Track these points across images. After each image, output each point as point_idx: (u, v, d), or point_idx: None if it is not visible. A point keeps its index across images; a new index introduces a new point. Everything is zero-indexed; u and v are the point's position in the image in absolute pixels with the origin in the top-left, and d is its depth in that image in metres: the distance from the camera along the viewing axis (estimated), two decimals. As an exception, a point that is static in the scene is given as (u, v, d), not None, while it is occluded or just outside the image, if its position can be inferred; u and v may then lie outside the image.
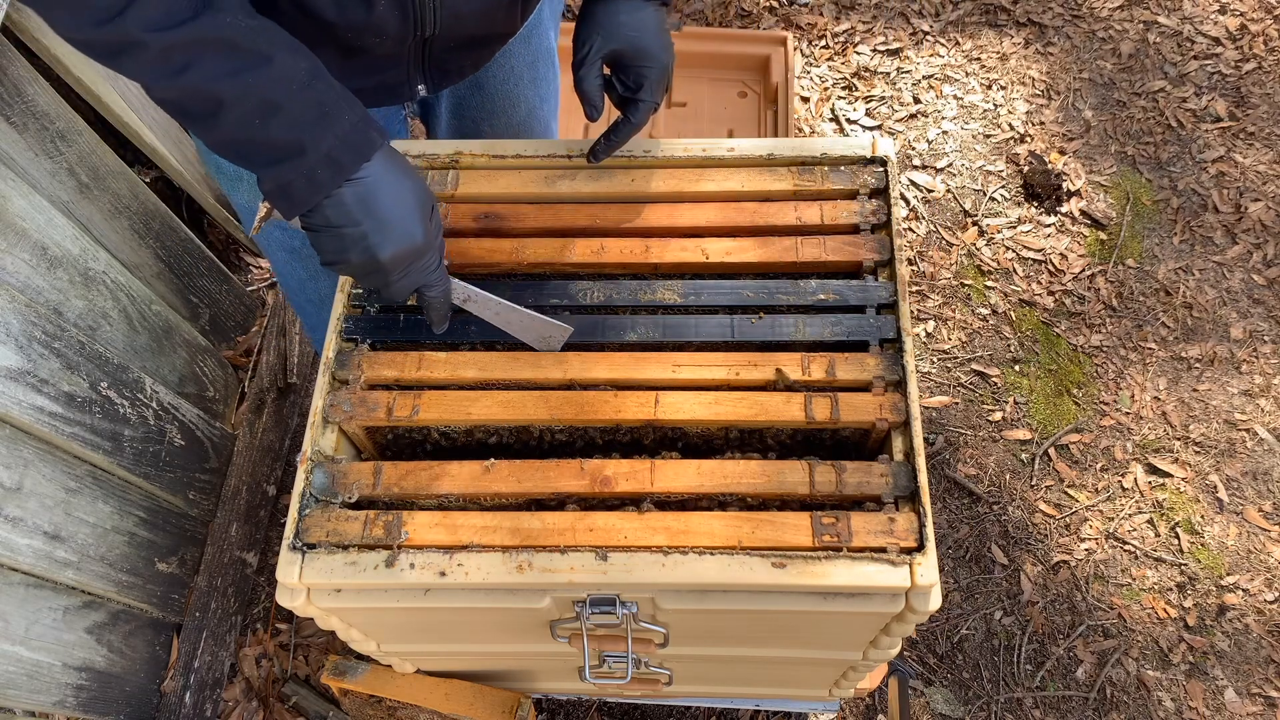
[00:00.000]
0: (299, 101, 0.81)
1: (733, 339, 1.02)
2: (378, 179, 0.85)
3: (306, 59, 0.84)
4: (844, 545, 0.89)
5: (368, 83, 1.10)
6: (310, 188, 0.83)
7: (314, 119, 0.82)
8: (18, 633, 1.39)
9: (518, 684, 1.50)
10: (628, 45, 1.01)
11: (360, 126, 0.84)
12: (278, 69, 0.81)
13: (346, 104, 0.85)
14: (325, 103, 0.83)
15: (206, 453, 1.83)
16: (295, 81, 0.81)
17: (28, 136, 1.40)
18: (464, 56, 1.15)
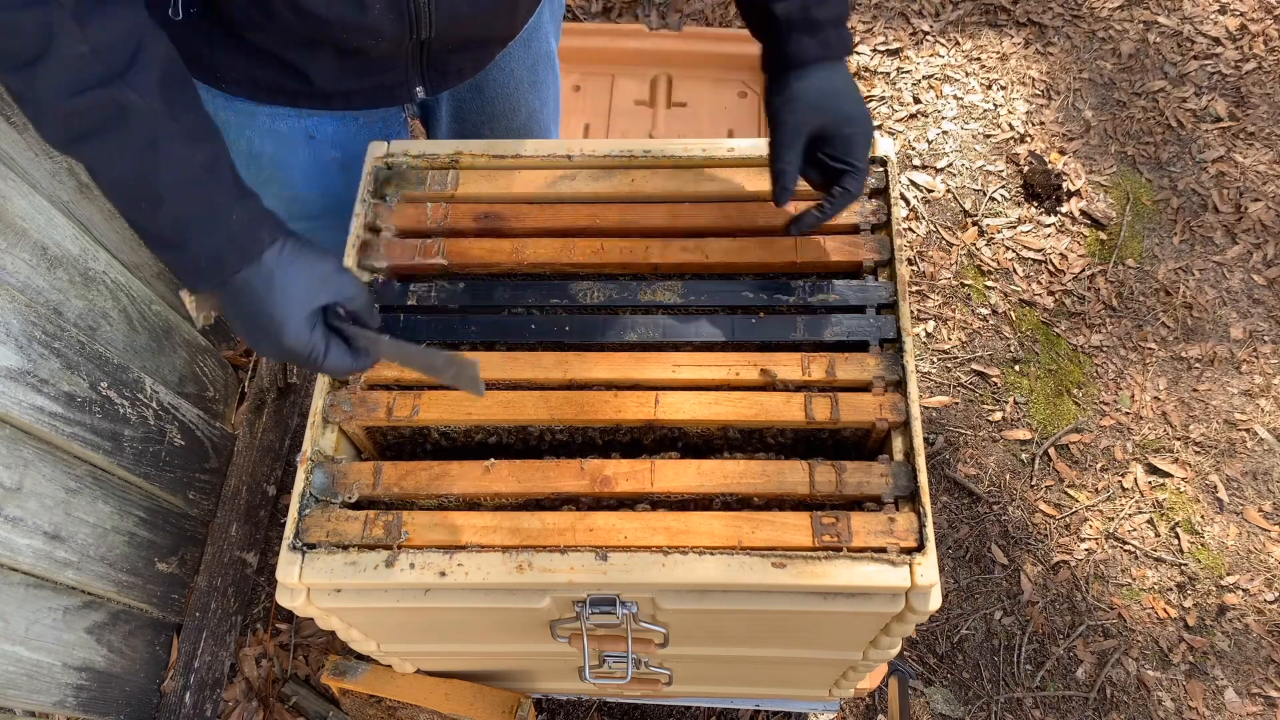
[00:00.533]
0: (186, 197, 0.80)
1: (733, 339, 1.02)
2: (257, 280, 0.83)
3: (207, 149, 0.82)
4: (844, 545, 0.89)
5: (365, 84, 1.10)
6: (194, 278, 0.83)
7: (199, 215, 0.81)
8: (18, 633, 1.39)
9: (518, 684, 1.50)
10: (832, 115, 0.96)
11: (250, 226, 0.83)
12: (169, 160, 0.79)
13: (239, 201, 0.83)
14: (214, 200, 0.81)
15: (206, 453, 1.83)
16: (186, 176, 0.80)
17: (28, 136, 1.40)
18: (463, 59, 1.15)
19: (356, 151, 1.21)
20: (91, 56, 0.75)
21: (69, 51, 0.74)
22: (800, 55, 0.96)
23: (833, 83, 0.96)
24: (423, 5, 0.99)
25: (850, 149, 0.97)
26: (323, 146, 1.18)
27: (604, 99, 2.24)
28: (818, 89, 0.96)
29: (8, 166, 1.36)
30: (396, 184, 1.11)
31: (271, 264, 0.83)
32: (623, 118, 2.22)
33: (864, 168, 0.98)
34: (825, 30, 0.95)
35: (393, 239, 1.08)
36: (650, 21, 2.30)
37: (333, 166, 1.21)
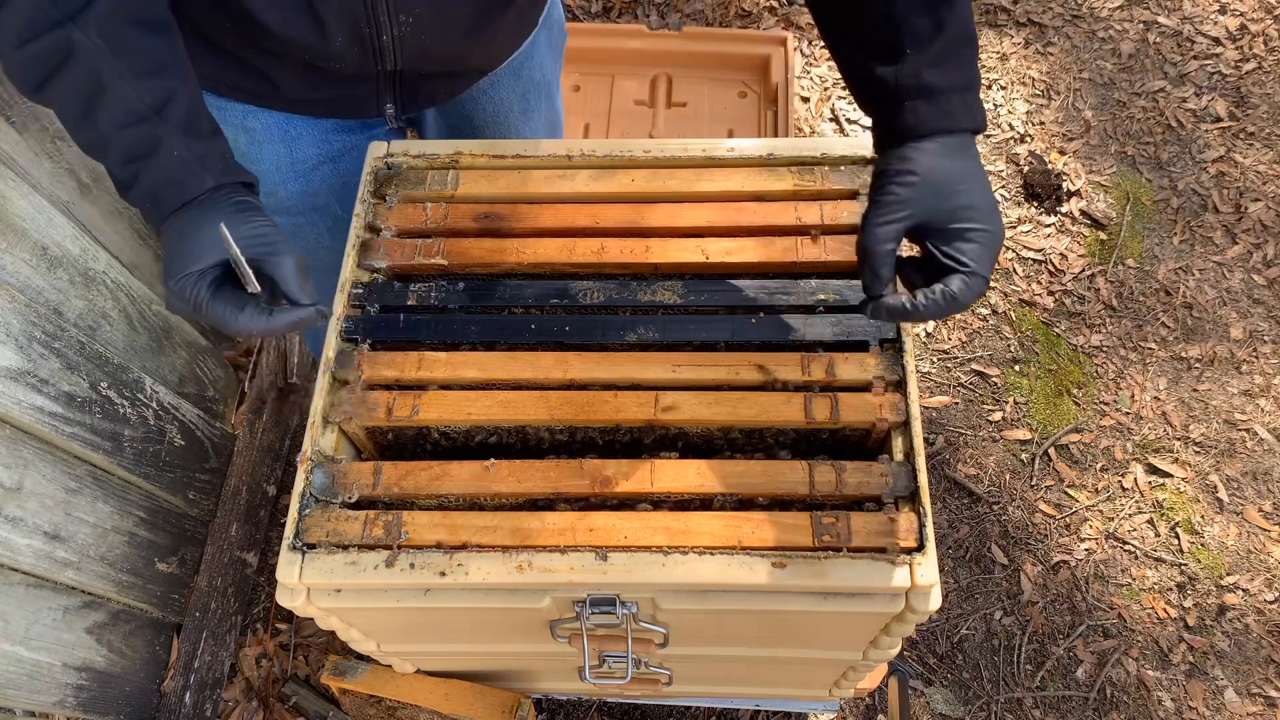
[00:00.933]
0: (131, 135, 0.79)
1: (733, 339, 1.02)
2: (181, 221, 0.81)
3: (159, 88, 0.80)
4: (844, 545, 0.89)
5: (333, 94, 1.08)
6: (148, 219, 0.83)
7: (142, 155, 0.80)
8: (18, 633, 1.39)
9: (518, 684, 1.50)
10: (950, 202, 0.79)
11: (191, 164, 0.81)
12: (114, 100, 0.78)
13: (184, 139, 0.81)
14: (158, 136, 0.80)
15: (206, 453, 1.83)
16: (133, 114, 0.79)
17: (28, 136, 1.40)
18: (435, 85, 1.14)
19: (337, 148, 1.20)
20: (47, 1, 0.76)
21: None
22: (916, 127, 0.80)
23: (960, 165, 0.79)
24: (387, 44, 0.98)
25: (969, 250, 0.79)
26: (298, 143, 1.17)
27: (604, 99, 2.24)
28: (941, 167, 0.79)
29: (8, 166, 1.36)
30: (396, 184, 1.11)
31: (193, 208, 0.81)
32: (623, 118, 2.22)
33: (981, 274, 0.79)
34: (947, 98, 0.80)
35: (393, 239, 1.08)
36: (650, 21, 2.30)
37: (310, 163, 1.20)
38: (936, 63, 0.79)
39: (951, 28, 0.79)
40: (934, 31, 0.79)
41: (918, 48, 0.79)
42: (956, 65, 0.80)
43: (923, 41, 0.79)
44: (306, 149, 1.18)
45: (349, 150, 1.21)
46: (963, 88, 0.80)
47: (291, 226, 1.25)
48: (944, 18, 0.79)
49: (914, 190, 0.80)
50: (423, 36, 1.00)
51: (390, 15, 0.95)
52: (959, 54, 0.80)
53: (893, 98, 0.81)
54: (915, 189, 0.80)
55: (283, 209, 1.22)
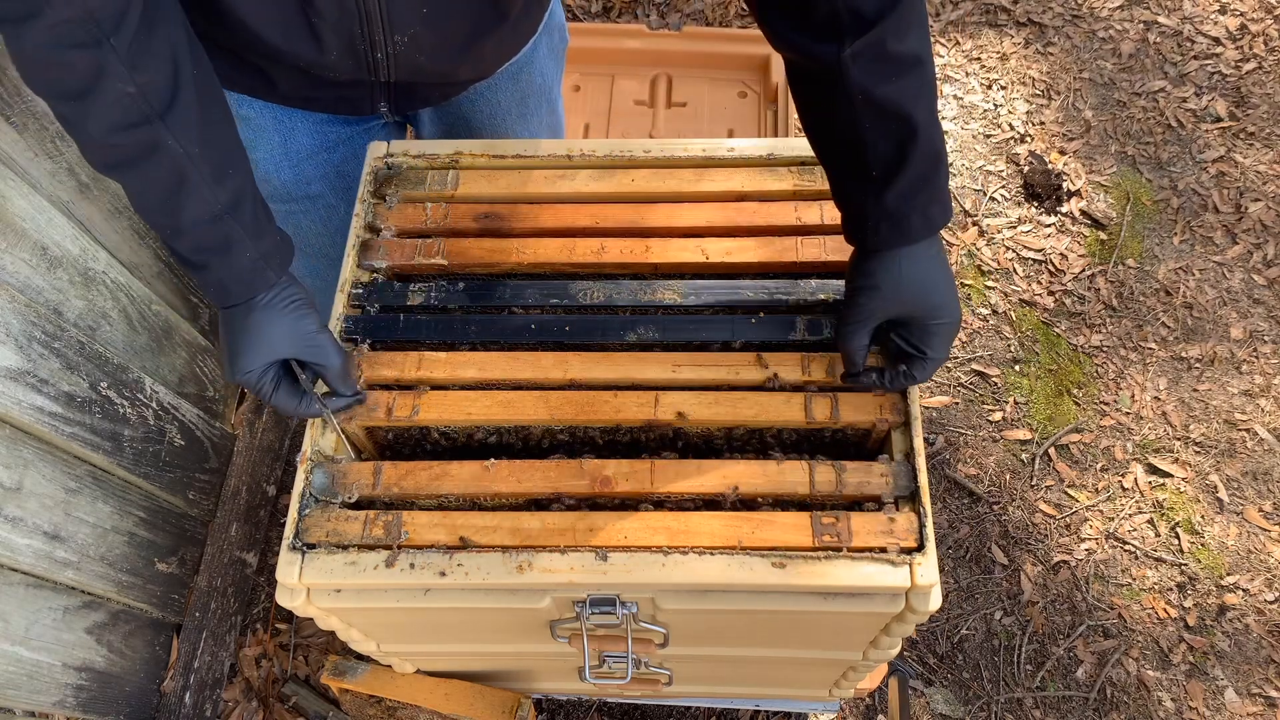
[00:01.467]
0: (205, 233, 0.86)
1: (733, 339, 1.02)
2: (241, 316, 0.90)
3: (232, 185, 0.87)
4: (844, 545, 0.89)
5: (329, 94, 1.10)
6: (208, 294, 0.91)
7: (215, 249, 0.87)
8: (18, 633, 1.39)
9: (518, 684, 1.50)
10: (912, 306, 0.88)
11: (258, 264, 0.89)
12: (194, 199, 0.84)
13: (251, 241, 0.88)
14: (230, 238, 0.87)
15: (206, 453, 1.83)
16: (208, 214, 0.85)
17: (28, 136, 1.40)
18: (429, 91, 1.15)
19: (332, 139, 1.21)
20: (138, 96, 0.79)
21: (116, 91, 0.78)
22: (879, 244, 0.87)
23: (919, 270, 0.87)
24: (381, 59, 1.00)
25: (927, 340, 0.89)
26: (294, 133, 1.18)
27: (604, 99, 2.24)
28: (898, 274, 0.87)
29: (8, 166, 1.36)
30: (396, 184, 1.11)
31: (258, 309, 0.90)
32: (623, 118, 2.22)
33: (937, 358, 0.90)
34: (909, 219, 0.85)
35: (393, 239, 1.08)
36: (650, 21, 2.30)
37: (304, 153, 1.21)
38: (899, 188, 0.84)
39: (915, 157, 0.83)
40: (898, 160, 0.83)
41: (882, 172, 0.84)
42: (920, 189, 0.84)
43: (888, 167, 0.84)
44: (301, 139, 1.19)
45: (344, 141, 1.22)
46: (924, 205, 0.85)
47: (285, 213, 1.26)
48: (907, 147, 0.83)
49: (877, 301, 0.89)
50: (417, 54, 1.01)
51: (386, 35, 0.97)
52: (924, 176, 0.84)
53: (859, 214, 0.87)
54: (878, 300, 0.89)
55: (276, 196, 1.23)
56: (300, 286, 0.94)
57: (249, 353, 0.91)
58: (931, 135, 0.84)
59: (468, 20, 1.01)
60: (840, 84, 0.82)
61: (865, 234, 0.88)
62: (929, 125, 0.83)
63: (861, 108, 0.82)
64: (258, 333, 0.90)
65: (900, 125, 0.82)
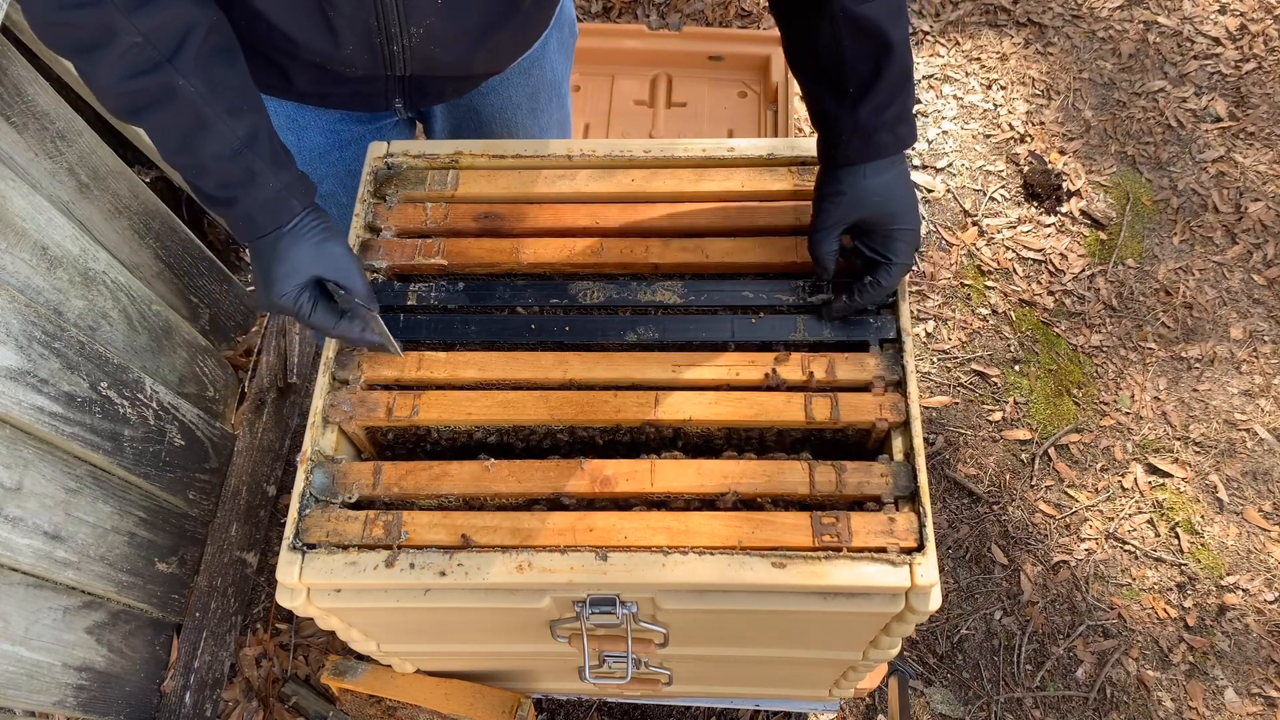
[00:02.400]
0: (228, 168, 0.90)
1: (733, 339, 1.02)
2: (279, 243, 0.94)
3: (248, 122, 0.91)
4: (844, 545, 0.89)
5: (343, 90, 1.10)
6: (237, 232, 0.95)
7: (239, 182, 0.91)
8: (18, 633, 1.39)
9: (518, 684, 1.50)
10: (874, 211, 0.95)
11: (281, 194, 0.93)
12: (214, 136, 0.88)
13: (273, 171, 0.92)
14: (253, 170, 0.91)
15: (206, 453, 1.83)
16: (228, 149, 0.89)
17: (28, 136, 1.40)
18: (444, 85, 1.16)
19: (344, 137, 1.22)
20: (144, 44, 0.83)
21: (124, 42, 0.82)
22: (850, 157, 0.94)
23: (883, 180, 0.94)
24: (397, 52, 1.01)
25: (890, 246, 0.96)
26: (307, 132, 1.19)
27: (604, 99, 2.24)
28: (862, 184, 0.94)
29: (8, 166, 1.36)
30: (396, 184, 1.11)
31: (285, 234, 0.94)
32: (623, 118, 2.22)
33: (901, 263, 0.96)
34: (879, 134, 0.93)
35: (393, 239, 1.08)
36: (650, 21, 2.30)
37: (317, 152, 1.22)
38: (873, 103, 0.92)
39: (889, 73, 0.91)
40: (873, 76, 0.91)
41: (859, 88, 0.92)
42: (890, 104, 0.92)
43: (863, 83, 0.91)
44: (314, 138, 1.20)
45: (355, 140, 1.23)
46: (894, 122, 0.93)
47: None
48: (882, 64, 0.90)
49: (842, 208, 0.95)
50: (432, 46, 1.02)
51: (401, 27, 0.98)
52: (895, 93, 0.92)
53: (834, 128, 0.95)
54: (843, 206, 0.95)
55: None
56: (325, 214, 0.97)
57: (282, 278, 0.94)
58: (905, 55, 0.91)
59: (483, 12, 1.03)
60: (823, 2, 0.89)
61: (837, 148, 0.94)
62: (903, 45, 0.91)
63: (842, 25, 0.89)
64: (287, 257, 0.94)
65: (877, 43, 0.90)
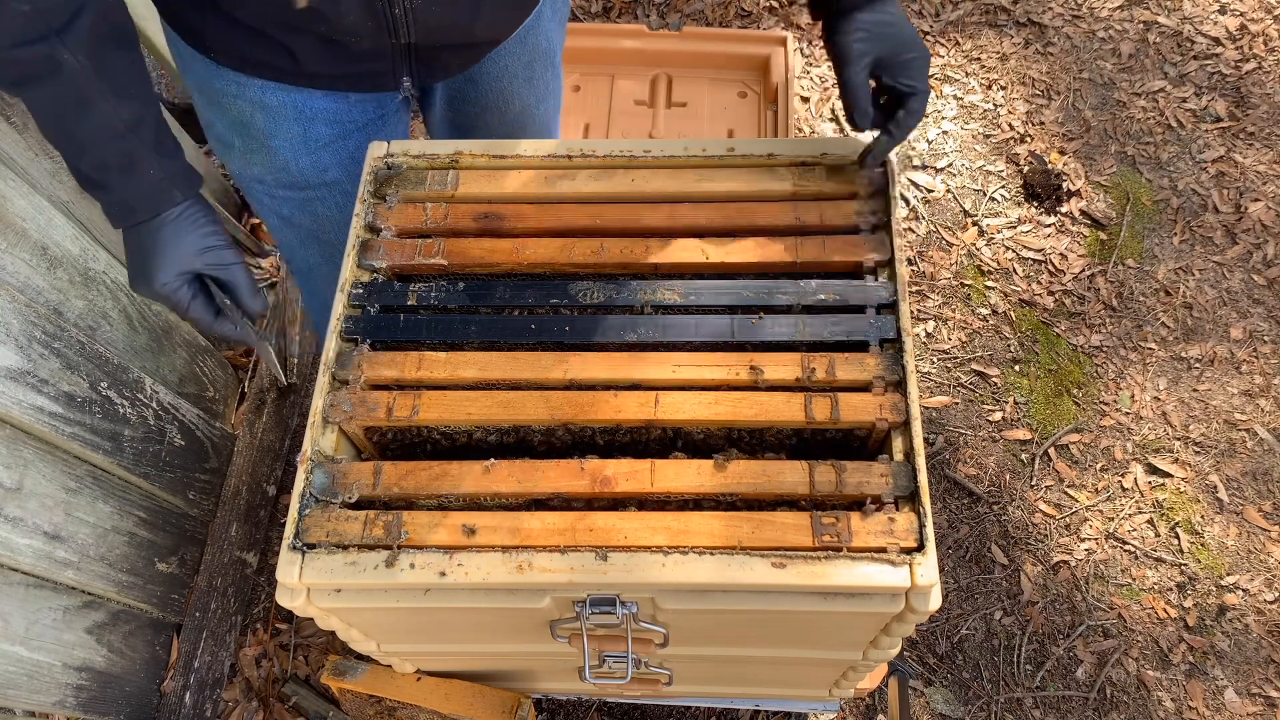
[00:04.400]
0: (108, 149, 0.90)
1: (733, 339, 1.02)
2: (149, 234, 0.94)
3: (133, 107, 0.91)
4: (844, 545, 0.89)
5: (351, 70, 1.11)
6: (110, 217, 0.95)
7: (118, 166, 0.91)
8: (18, 633, 1.39)
9: (518, 684, 1.50)
10: (893, 42, 1.02)
11: (163, 183, 0.93)
12: (96, 115, 0.88)
13: (156, 158, 0.93)
14: (133, 154, 0.91)
15: (206, 453, 1.83)
16: (110, 130, 0.89)
17: (28, 136, 1.40)
18: (450, 57, 1.16)
19: (349, 126, 1.22)
20: (33, 14, 0.83)
21: (12, 8, 0.81)
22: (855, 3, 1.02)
23: (888, 15, 1.02)
24: (399, 16, 1.01)
25: (912, 73, 1.02)
26: (313, 122, 1.19)
27: (604, 99, 2.24)
28: (876, 22, 1.02)
29: (8, 166, 1.36)
30: (396, 184, 1.11)
31: (168, 223, 0.95)
32: (623, 118, 2.22)
33: (925, 88, 1.03)
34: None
35: (393, 239, 1.08)
36: (650, 21, 2.30)
37: (323, 141, 1.22)
38: None
39: None
40: None
41: None
42: None
43: None
44: (320, 128, 1.20)
45: (359, 129, 1.24)
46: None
47: (303, 200, 1.28)
48: None
49: (867, 44, 1.02)
50: (433, 7, 1.02)
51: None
52: None
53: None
54: (867, 43, 1.02)
55: (296, 184, 1.25)
56: (210, 209, 0.98)
57: (162, 267, 0.95)
58: None
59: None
60: None
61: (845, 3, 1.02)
62: None
63: None
64: (169, 248, 0.95)
65: None
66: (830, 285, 1.04)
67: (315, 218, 1.30)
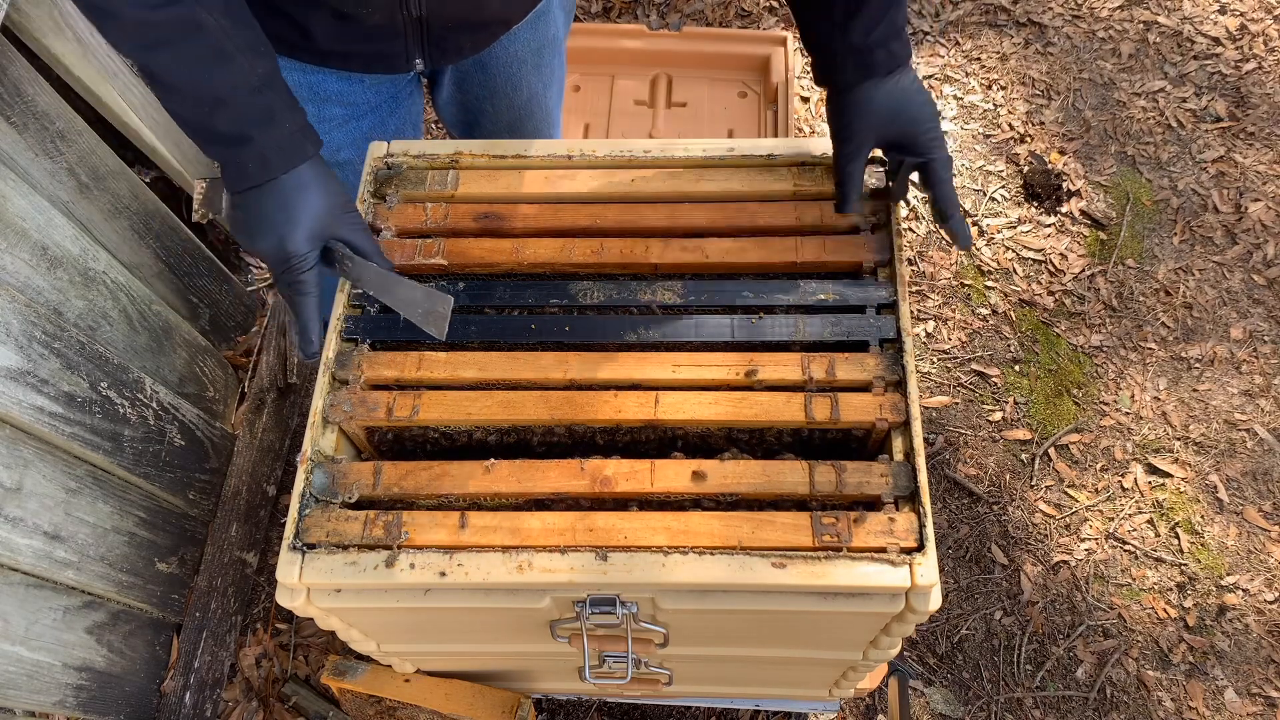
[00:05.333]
0: (247, 102, 0.89)
1: (733, 339, 1.02)
2: (292, 187, 0.92)
3: (266, 63, 0.90)
4: (844, 545, 0.89)
5: (364, 49, 1.11)
6: (238, 175, 0.92)
7: (257, 119, 0.90)
8: (18, 633, 1.39)
9: (518, 684, 1.50)
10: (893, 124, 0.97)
11: (297, 136, 0.92)
12: (235, 70, 0.88)
13: (290, 112, 0.92)
14: (272, 107, 0.90)
15: (206, 453, 1.83)
16: (248, 85, 0.89)
17: (28, 136, 1.40)
18: (462, 38, 1.17)
19: (362, 107, 1.23)
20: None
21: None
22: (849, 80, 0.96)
23: (890, 92, 0.96)
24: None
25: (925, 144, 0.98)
26: (326, 102, 1.20)
27: (604, 99, 2.24)
28: (883, 101, 0.96)
29: (8, 166, 1.36)
30: (396, 184, 1.11)
31: (307, 177, 0.93)
32: (623, 118, 2.22)
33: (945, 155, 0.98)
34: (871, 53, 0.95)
35: (393, 239, 1.08)
36: (650, 21, 2.30)
37: (336, 121, 1.23)
38: (862, 25, 0.94)
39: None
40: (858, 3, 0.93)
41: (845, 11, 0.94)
42: (880, 23, 0.94)
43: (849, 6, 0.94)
44: (333, 108, 1.21)
45: (373, 109, 1.25)
46: (886, 40, 0.94)
47: None
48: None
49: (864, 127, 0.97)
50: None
51: None
52: (882, 11, 0.94)
53: (829, 53, 0.97)
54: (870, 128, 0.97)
55: None
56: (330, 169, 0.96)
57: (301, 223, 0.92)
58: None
59: None
60: None
61: (835, 72, 0.97)
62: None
63: None
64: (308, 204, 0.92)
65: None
66: (830, 285, 1.04)
67: None
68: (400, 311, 0.97)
